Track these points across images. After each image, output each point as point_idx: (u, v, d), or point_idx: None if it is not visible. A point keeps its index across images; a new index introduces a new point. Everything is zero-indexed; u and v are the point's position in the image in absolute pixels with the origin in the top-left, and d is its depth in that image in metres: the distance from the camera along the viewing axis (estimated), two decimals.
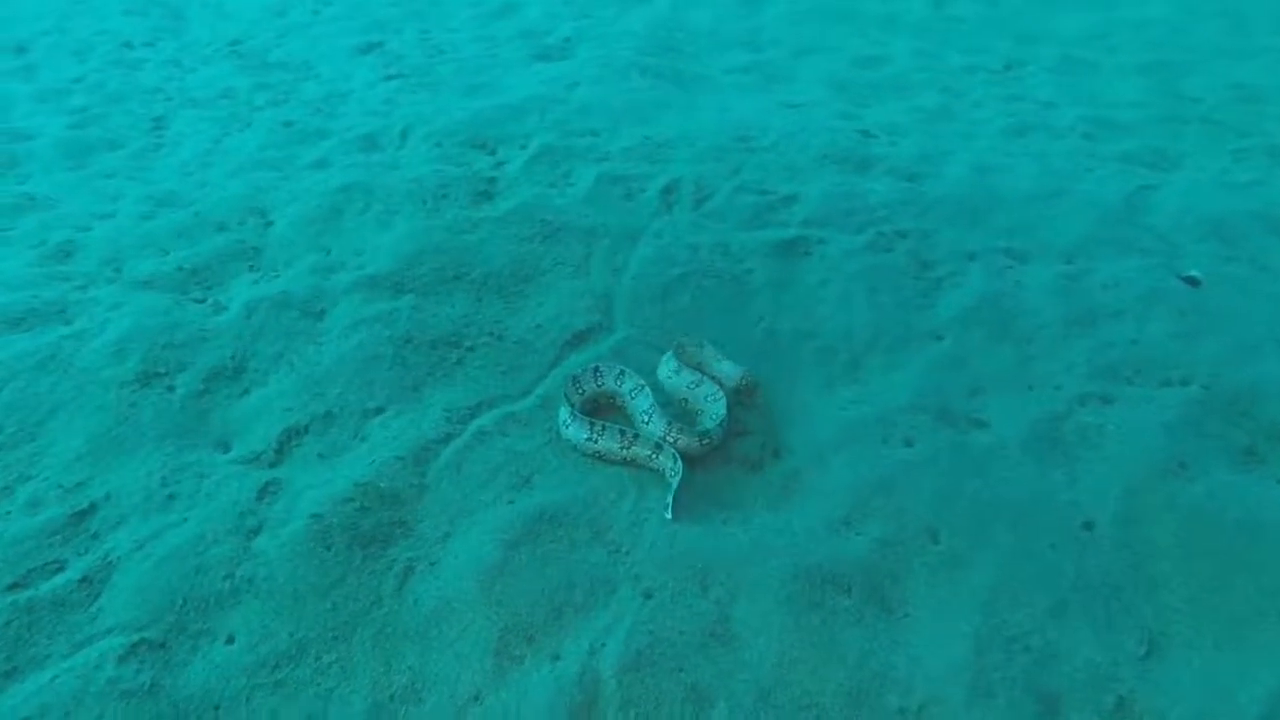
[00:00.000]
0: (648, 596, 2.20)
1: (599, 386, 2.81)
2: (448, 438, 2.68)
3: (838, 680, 2.03)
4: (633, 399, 2.77)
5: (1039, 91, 5.28)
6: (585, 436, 2.60)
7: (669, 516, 2.39)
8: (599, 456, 2.60)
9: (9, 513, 2.43)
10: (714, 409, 2.73)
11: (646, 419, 2.68)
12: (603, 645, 2.06)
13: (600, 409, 2.80)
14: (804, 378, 2.98)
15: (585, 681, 1.98)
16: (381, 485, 2.49)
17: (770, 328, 3.16)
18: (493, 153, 4.16)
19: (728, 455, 2.66)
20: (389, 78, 5.09)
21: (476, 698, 2.00)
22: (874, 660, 2.08)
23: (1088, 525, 2.42)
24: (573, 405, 2.68)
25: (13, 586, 2.22)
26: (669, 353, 2.92)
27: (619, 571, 2.27)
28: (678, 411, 2.81)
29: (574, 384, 2.77)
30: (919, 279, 3.40)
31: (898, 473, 2.55)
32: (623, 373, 2.81)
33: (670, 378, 2.87)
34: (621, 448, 2.58)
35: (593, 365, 2.83)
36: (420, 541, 2.36)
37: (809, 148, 4.25)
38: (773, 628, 2.13)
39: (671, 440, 2.60)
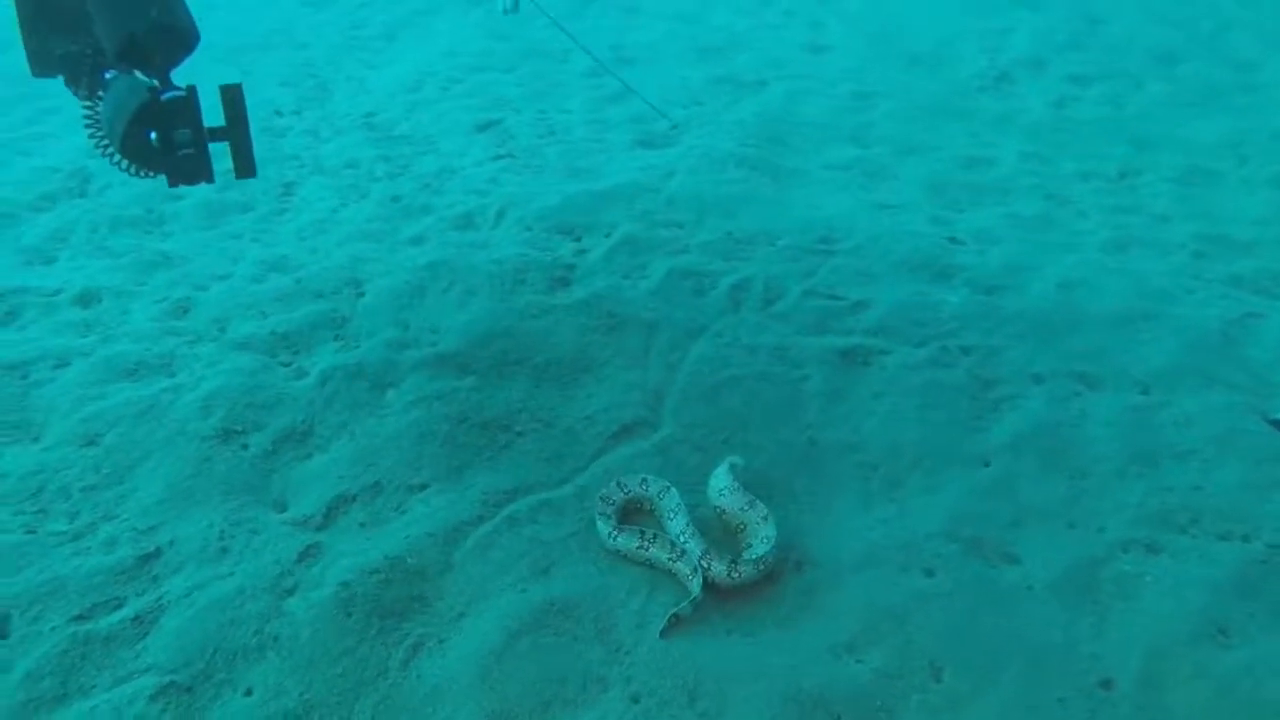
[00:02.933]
0: (635, 700, 2.26)
1: (638, 492, 2.88)
2: (480, 519, 2.81)
3: None
4: (671, 518, 2.79)
5: (1153, 203, 5.12)
6: (607, 533, 2.69)
7: (659, 631, 2.43)
8: (620, 554, 2.68)
9: (89, 548, 2.70)
10: (764, 535, 2.70)
11: (683, 538, 2.70)
12: None
13: (632, 514, 2.87)
14: (841, 492, 2.99)
15: None
16: (409, 561, 2.64)
17: (814, 438, 3.18)
18: (578, 239, 4.35)
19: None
20: (498, 157, 5.39)
21: None
22: None
23: (1105, 683, 2.33)
24: (608, 509, 2.78)
25: (77, 618, 2.47)
26: (724, 466, 2.91)
27: (613, 672, 2.33)
28: (721, 532, 2.81)
29: (617, 487, 2.85)
30: (976, 399, 3.36)
31: (911, 602, 2.53)
32: (668, 489, 2.85)
33: (723, 494, 2.86)
34: (639, 548, 2.65)
35: (640, 477, 2.89)
36: (435, 619, 2.49)
37: (891, 253, 4.27)
38: None
39: (706, 567, 2.59)
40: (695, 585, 2.52)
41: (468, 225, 4.56)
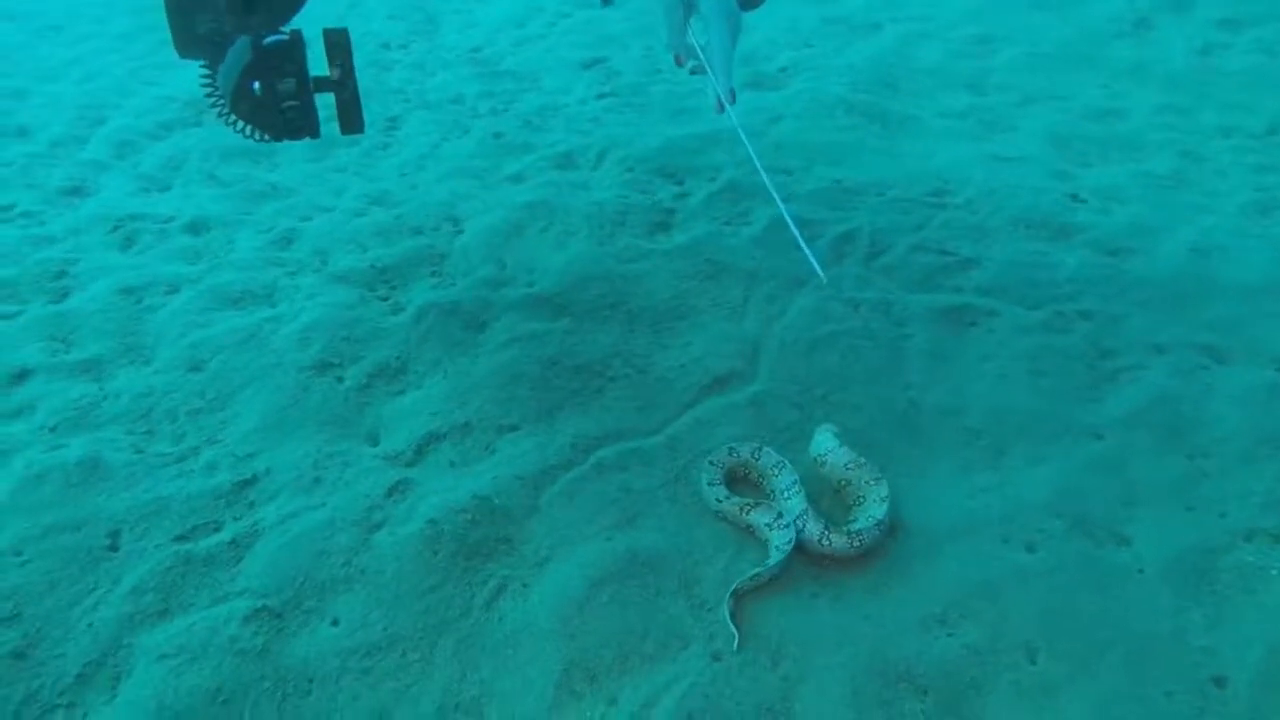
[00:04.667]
0: (715, 659, 2.22)
1: (749, 460, 2.77)
2: (569, 464, 2.80)
3: None
4: (785, 497, 2.64)
5: None
6: (714, 496, 2.63)
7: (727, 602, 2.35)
8: (721, 516, 2.62)
9: (192, 471, 2.79)
10: (875, 497, 2.60)
11: (786, 497, 2.62)
12: (658, 700, 2.11)
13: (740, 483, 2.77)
14: (941, 458, 2.87)
15: None
16: (496, 501, 2.65)
17: (915, 399, 3.06)
18: (680, 183, 4.25)
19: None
20: (601, 95, 5.30)
21: None
22: None
23: (1218, 681, 2.18)
24: (716, 473, 2.70)
25: (180, 538, 2.56)
26: (826, 426, 2.82)
27: (695, 629, 2.30)
28: (832, 496, 2.71)
29: (729, 452, 2.76)
30: (1092, 368, 3.17)
31: (1010, 577, 2.42)
32: (783, 464, 2.71)
33: (827, 454, 2.74)
34: (743, 512, 2.58)
35: (754, 445, 2.78)
36: (519, 561, 2.50)
37: (1006, 208, 4.04)
38: (833, 717, 2.09)
39: (801, 529, 2.50)
40: (772, 559, 2.45)
41: (568, 165, 4.51)
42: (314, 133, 2.92)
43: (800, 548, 2.49)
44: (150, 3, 3.04)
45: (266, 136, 2.82)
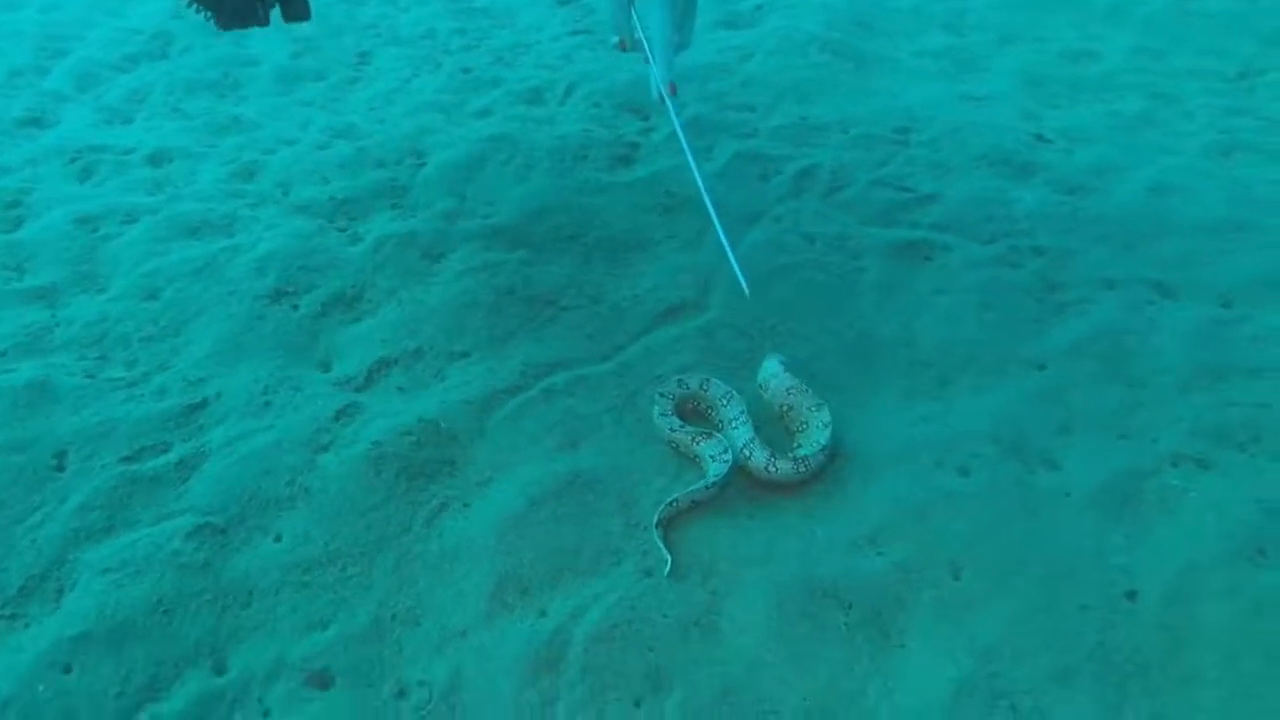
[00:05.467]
0: (647, 574, 2.28)
1: (698, 392, 2.78)
2: (516, 390, 2.83)
3: (802, 693, 2.03)
4: (733, 426, 2.66)
5: (1271, 105, 4.71)
6: (667, 425, 2.65)
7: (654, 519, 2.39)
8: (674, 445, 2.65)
9: (142, 395, 2.82)
10: (818, 423, 2.65)
11: (734, 426, 2.65)
12: (585, 612, 2.17)
13: (690, 414, 2.80)
14: (886, 388, 2.91)
15: (556, 641, 2.10)
16: (442, 425, 2.69)
17: (866, 331, 3.09)
18: (645, 118, 4.23)
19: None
20: (575, 32, 5.25)
21: (463, 633, 2.16)
22: (846, 682, 2.06)
23: (1131, 595, 2.25)
24: (667, 404, 2.72)
25: (127, 459, 2.60)
26: (774, 355, 2.86)
27: (629, 545, 2.35)
28: (777, 422, 2.75)
29: (678, 384, 2.77)
30: (1041, 302, 3.20)
31: (940, 500, 2.47)
32: (731, 395, 2.73)
33: (769, 379, 2.79)
34: (693, 441, 2.61)
35: (703, 378, 2.79)
36: (461, 482, 2.54)
37: (969, 146, 4.04)
38: (756, 628, 2.15)
39: (748, 456, 2.54)
40: (693, 486, 2.47)
41: (536, 100, 4.48)
42: (261, 21, 2.93)
43: (749, 474, 2.54)
44: None
45: (217, 22, 2.85)
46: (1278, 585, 2.21)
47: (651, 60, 2.73)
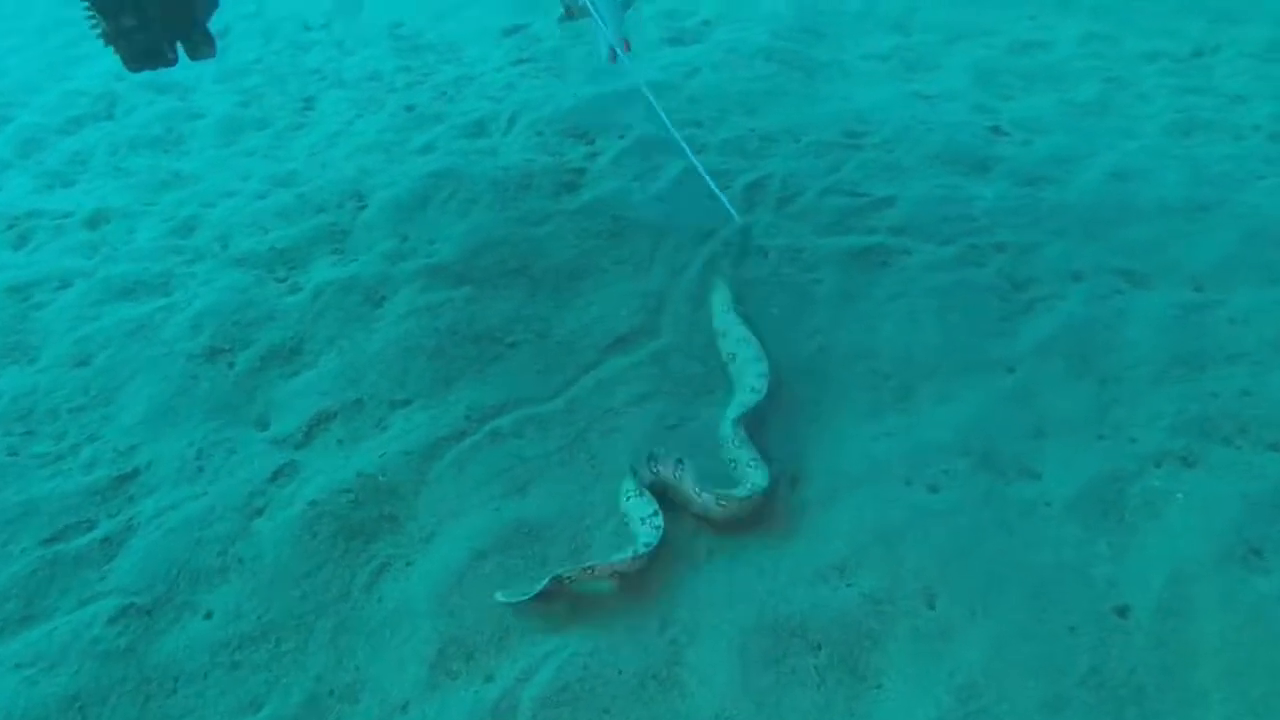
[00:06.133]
0: (600, 627, 2.13)
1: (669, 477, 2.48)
2: (461, 435, 2.69)
3: None
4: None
5: (1228, 83, 4.63)
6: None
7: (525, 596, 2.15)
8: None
9: (69, 470, 2.68)
10: (754, 373, 2.72)
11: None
12: (534, 674, 2.02)
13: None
14: (849, 402, 2.78)
15: (502, 708, 1.95)
16: (382, 479, 2.54)
17: (825, 344, 2.96)
18: (590, 142, 4.12)
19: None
20: (519, 61, 5.16)
21: (404, 707, 2.01)
22: None
23: (1121, 610, 2.10)
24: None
25: (48, 540, 2.45)
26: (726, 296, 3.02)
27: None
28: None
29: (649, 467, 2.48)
30: (1005, 300, 3.08)
31: (910, 521, 2.33)
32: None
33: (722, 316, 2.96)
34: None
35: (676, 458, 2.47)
36: (403, 539, 2.40)
37: (923, 145, 3.94)
38: (720, 679, 2.00)
39: (717, 501, 2.34)
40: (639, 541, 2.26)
41: (479, 132, 4.37)
42: (169, 62, 2.87)
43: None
44: None
45: (125, 64, 2.81)
46: (1276, 590, 2.07)
47: (600, 22, 2.64)
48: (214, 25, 6.29)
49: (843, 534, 2.32)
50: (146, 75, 5.80)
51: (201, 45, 2.82)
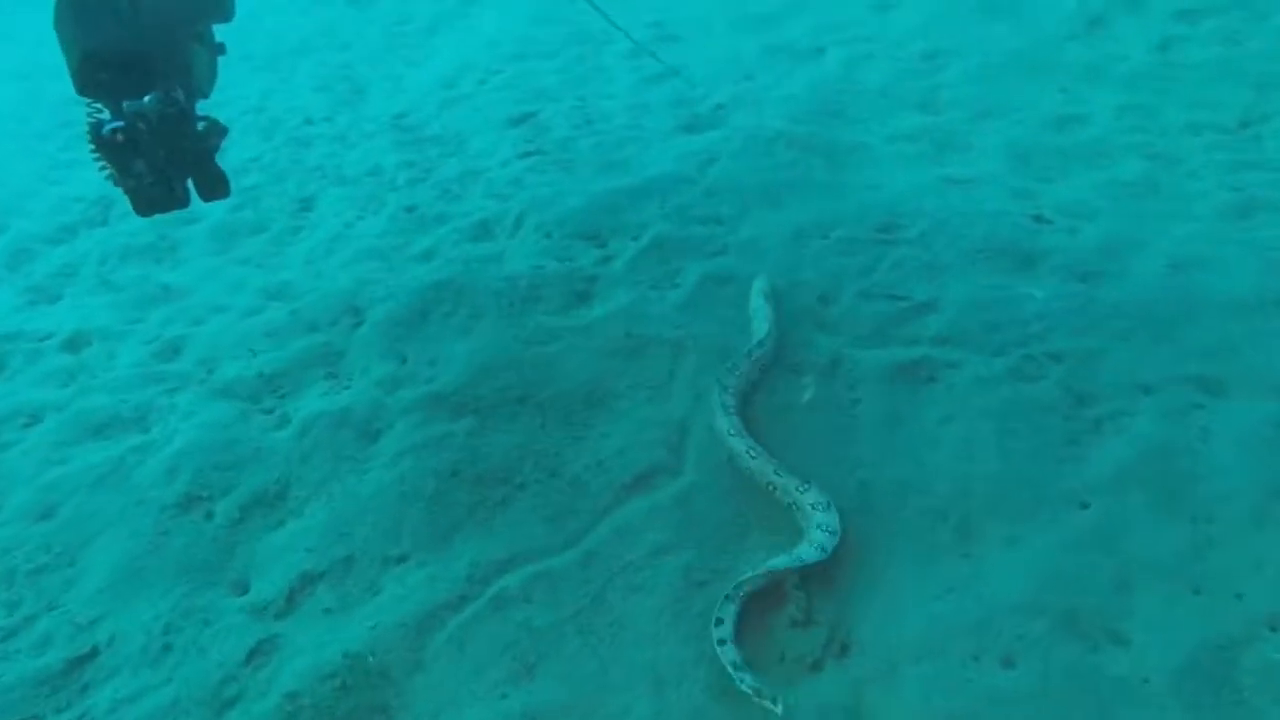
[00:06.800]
0: None
1: None
2: (462, 600, 2.38)
3: None
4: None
5: None
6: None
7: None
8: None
9: (19, 651, 2.38)
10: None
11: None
12: None
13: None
14: (901, 548, 2.44)
15: None
16: (371, 660, 2.23)
17: (868, 479, 2.64)
18: (603, 245, 3.86)
19: (782, 652, 2.18)
20: (526, 154, 4.93)
21: None
22: None
23: None
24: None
25: None
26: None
27: None
28: None
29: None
30: (1070, 420, 2.75)
31: (984, 707, 1.98)
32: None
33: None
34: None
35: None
36: None
37: (963, 238, 3.64)
38: None
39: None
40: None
41: (483, 235, 4.12)
42: (181, 204, 2.67)
43: None
44: (63, 98, 2.70)
45: (135, 209, 2.62)
46: None
47: None
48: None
49: None
50: None
51: (216, 185, 2.62)
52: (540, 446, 2.84)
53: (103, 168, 2.58)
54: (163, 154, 2.47)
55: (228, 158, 5.69)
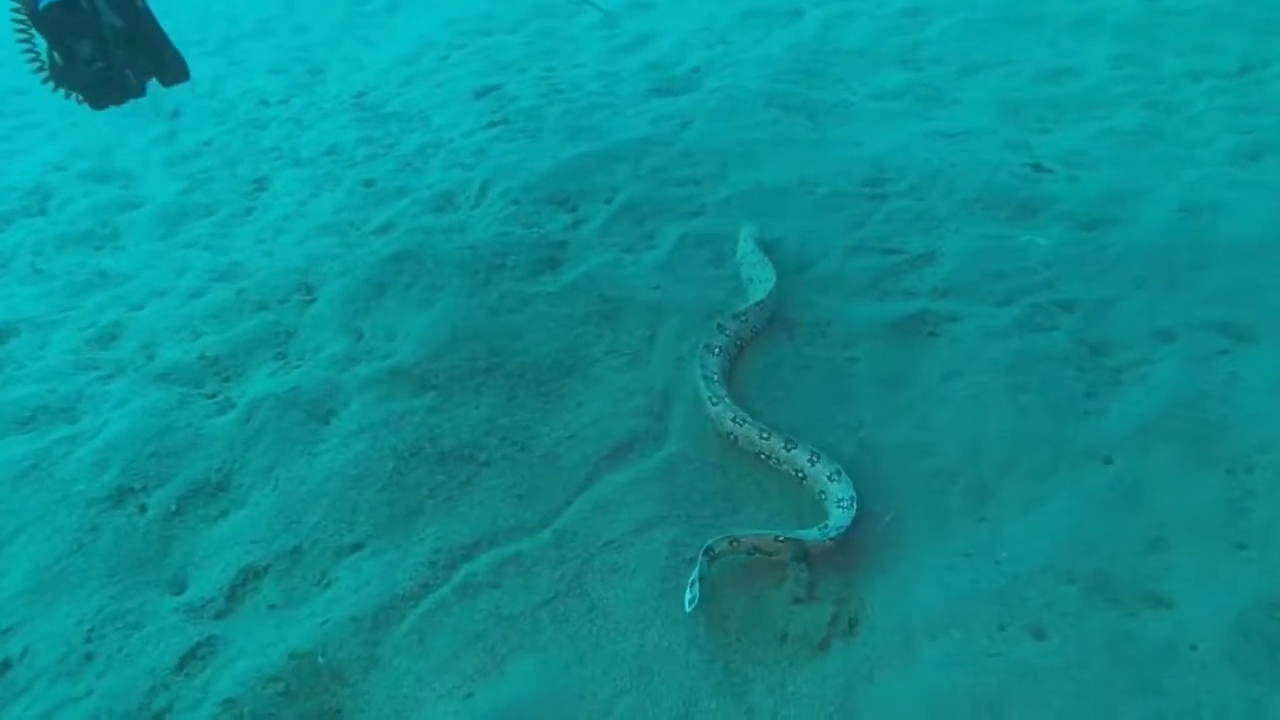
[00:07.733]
0: None
1: None
2: (424, 589, 2.13)
3: None
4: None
5: None
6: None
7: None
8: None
9: None
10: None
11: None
12: None
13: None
14: (910, 514, 2.20)
15: None
16: (321, 660, 1.97)
17: (868, 440, 2.40)
18: (573, 209, 3.61)
19: (784, 632, 1.94)
20: (491, 124, 4.67)
21: None
22: None
23: None
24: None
25: None
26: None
27: None
28: None
29: None
30: (1085, 371, 2.52)
31: (1015, 684, 1.74)
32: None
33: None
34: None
35: None
36: None
37: (958, 189, 3.42)
38: None
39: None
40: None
41: (446, 206, 3.86)
42: (136, 92, 2.63)
43: None
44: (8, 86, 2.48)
45: (91, 103, 2.60)
46: None
47: None
48: (165, 106, 5.87)
49: (923, 706, 1.74)
50: (89, 164, 5.40)
51: (172, 67, 2.43)
52: (508, 420, 2.58)
53: (40, 68, 2.41)
54: (108, 29, 2.29)
55: (178, 141, 5.42)
